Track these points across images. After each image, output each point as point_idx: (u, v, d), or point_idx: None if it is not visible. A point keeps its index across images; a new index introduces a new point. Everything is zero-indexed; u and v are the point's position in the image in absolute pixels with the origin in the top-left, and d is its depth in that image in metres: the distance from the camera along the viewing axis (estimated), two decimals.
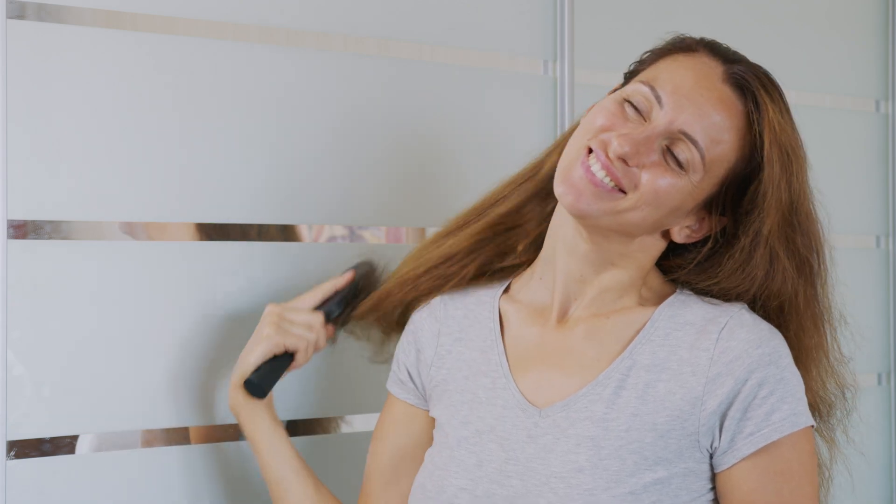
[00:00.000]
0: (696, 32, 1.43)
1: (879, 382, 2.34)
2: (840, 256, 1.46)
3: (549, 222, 1.44)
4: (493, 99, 1.83)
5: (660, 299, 1.40)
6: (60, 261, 1.46)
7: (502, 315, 1.45)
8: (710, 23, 1.49)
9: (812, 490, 1.33)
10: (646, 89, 1.35)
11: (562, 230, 1.40)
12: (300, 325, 1.49)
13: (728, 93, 1.35)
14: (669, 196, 1.34)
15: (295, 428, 1.64)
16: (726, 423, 1.31)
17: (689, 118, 1.33)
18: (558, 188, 1.35)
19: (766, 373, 1.31)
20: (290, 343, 1.48)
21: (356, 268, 1.58)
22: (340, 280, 1.55)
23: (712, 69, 1.36)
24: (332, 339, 1.56)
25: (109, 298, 1.49)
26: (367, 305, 1.55)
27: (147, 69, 1.52)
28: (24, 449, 1.44)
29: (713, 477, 1.33)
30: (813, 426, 1.34)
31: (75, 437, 1.47)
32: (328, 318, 1.53)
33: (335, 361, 1.66)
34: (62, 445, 1.46)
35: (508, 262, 1.50)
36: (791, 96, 1.40)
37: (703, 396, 1.31)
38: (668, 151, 1.33)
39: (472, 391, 1.42)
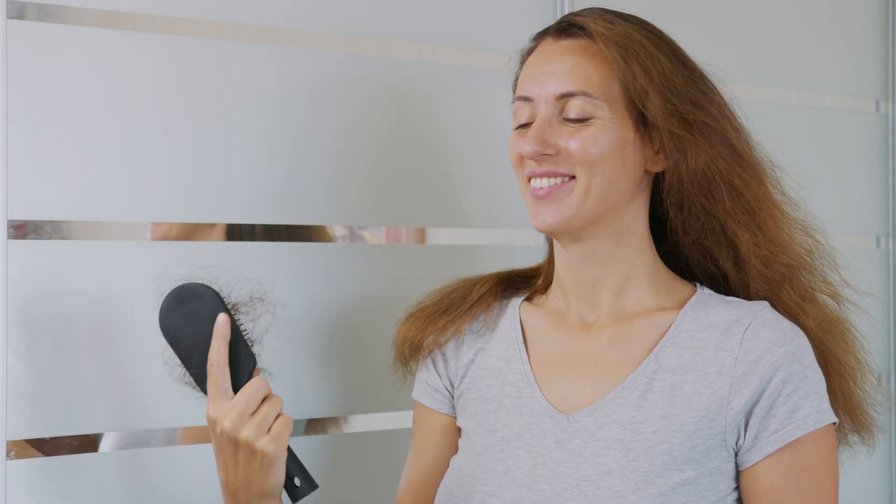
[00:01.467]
0: (697, 34, 1.43)
1: (879, 383, 2.34)
2: (840, 257, 1.46)
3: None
4: (492, 99, 1.83)
5: (676, 297, 1.41)
6: (60, 261, 1.46)
7: (523, 323, 1.46)
8: (710, 23, 1.48)
9: (833, 486, 1.34)
10: (518, 102, 1.41)
11: (560, 259, 1.43)
12: (265, 409, 1.31)
13: (565, 43, 1.40)
14: (603, 143, 1.36)
15: (300, 428, 1.64)
16: (751, 421, 1.32)
17: (554, 84, 1.37)
18: (534, 223, 1.38)
19: (790, 370, 1.32)
20: (287, 438, 1.32)
21: (221, 307, 1.37)
22: (223, 330, 1.33)
23: (545, 42, 1.42)
24: (268, 373, 1.41)
25: (109, 298, 1.49)
26: (402, 356, 1.51)
27: (147, 69, 1.52)
28: (23, 449, 1.44)
29: (738, 476, 1.35)
30: (835, 423, 1.35)
31: (75, 437, 1.47)
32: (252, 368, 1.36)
33: (338, 362, 1.66)
34: (63, 445, 1.46)
35: (525, 288, 1.52)
36: (791, 96, 1.41)
37: (729, 396, 1.33)
38: (567, 119, 1.37)
39: (498, 400, 1.42)
